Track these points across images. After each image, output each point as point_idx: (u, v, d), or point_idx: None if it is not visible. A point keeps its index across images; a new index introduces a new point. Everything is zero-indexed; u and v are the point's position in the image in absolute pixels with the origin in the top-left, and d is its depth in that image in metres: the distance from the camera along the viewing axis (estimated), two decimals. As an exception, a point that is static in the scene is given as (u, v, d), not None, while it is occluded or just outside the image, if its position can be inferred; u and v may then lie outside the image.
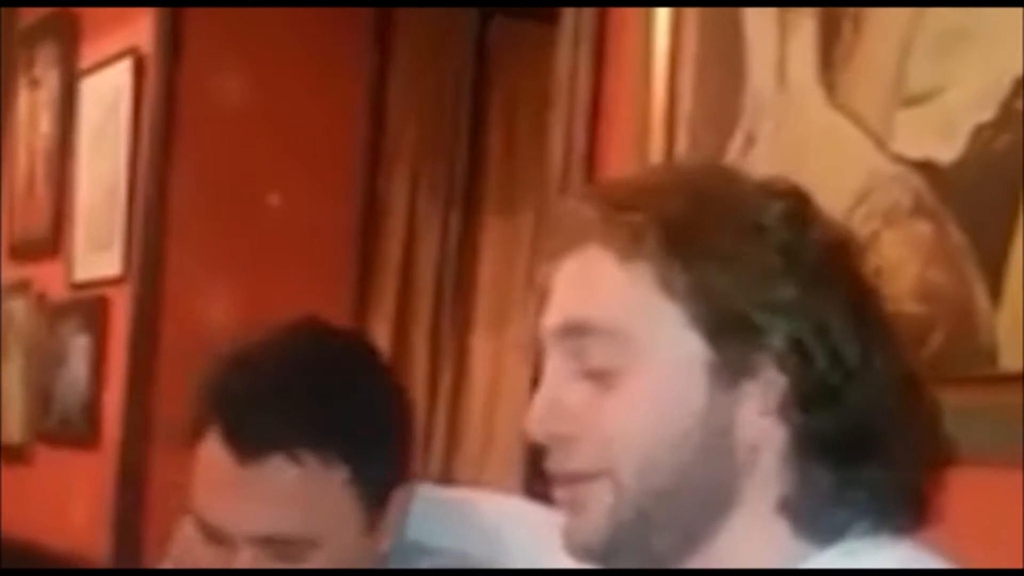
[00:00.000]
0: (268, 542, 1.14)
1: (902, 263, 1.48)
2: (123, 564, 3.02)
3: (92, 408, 3.36)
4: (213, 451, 1.16)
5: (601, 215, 0.92)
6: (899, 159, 1.51)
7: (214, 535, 1.17)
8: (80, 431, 3.40)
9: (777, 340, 0.87)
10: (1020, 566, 1.29)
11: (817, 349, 0.87)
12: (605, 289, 0.91)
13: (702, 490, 0.88)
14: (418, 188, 3.38)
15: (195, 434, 1.18)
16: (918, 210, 1.49)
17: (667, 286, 0.88)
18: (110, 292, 3.34)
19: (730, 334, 0.87)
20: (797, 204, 0.91)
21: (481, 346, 3.24)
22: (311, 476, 1.13)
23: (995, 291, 1.40)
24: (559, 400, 0.91)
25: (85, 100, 3.55)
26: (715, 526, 0.89)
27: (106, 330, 3.34)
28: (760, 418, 0.88)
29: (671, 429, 0.88)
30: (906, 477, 0.88)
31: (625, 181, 0.98)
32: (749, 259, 0.88)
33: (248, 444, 1.13)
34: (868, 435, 0.87)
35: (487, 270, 3.26)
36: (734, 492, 0.89)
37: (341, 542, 1.16)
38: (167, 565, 1.32)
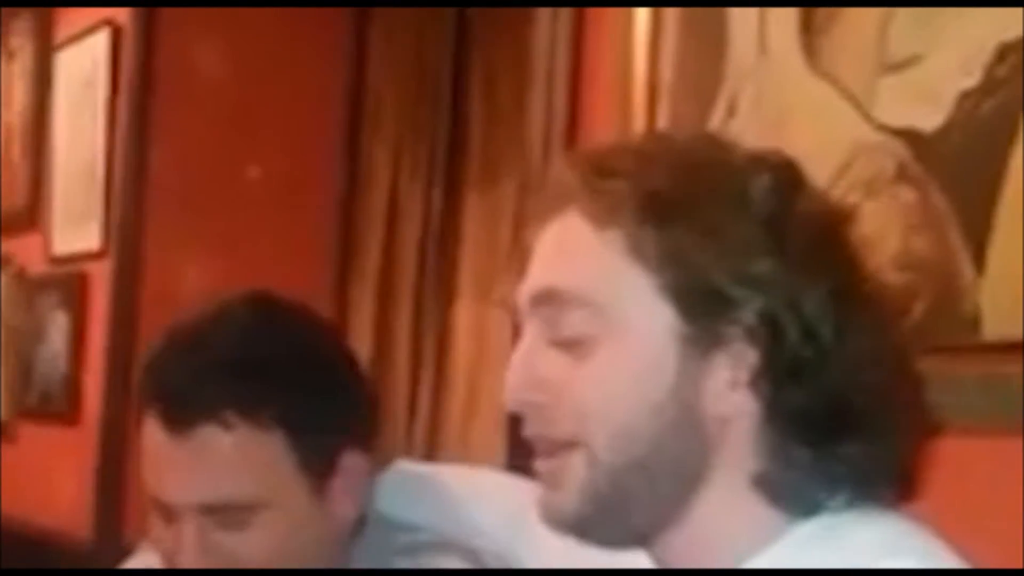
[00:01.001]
0: (210, 510, 1.15)
1: (885, 232, 1.47)
2: (106, 539, 3.01)
3: (73, 384, 3.34)
4: (150, 427, 1.18)
5: (582, 181, 0.91)
6: (882, 127, 1.51)
7: (165, 511, 1.18)
8: (61, 407, 3.38)
9: (749, 314, 0.86)
10: (1006, 535, 1.29)
11: (789, 324, 0.86)
12: (579, 257, 0.90)
13: (675, 462, 0.88)
14: (400, 161, 3.36)
15: (139, 415, 1.20)
16: (901, 178, 1.48)
17: (639, 254, 0.88)
18: (89, 267, 3.32)
19: (701, 305, 0.87)
20: (787, 177, 0.91)
21: (465, 317, 3.23)
22: (243, 441, 1.15)
23: (979, 259, 1.39)
24: (533, 369, 0.90)
25: (61, 73, 3.52)
26: (689, 500, 0.89)
27: (85, 305, 3.32)
28: (731, 391, 0.88)
29: (643, 400, 0.87)
30: (887, 451, 0.88)
31: (611, 147, 0.97)
32: (729, 231, 0.87)
33: (178, 415, 1.15)
34: (844, 411, 0.87)
35: (469, 242, 3.25)
36: (707, 465, 0.88)
37: (287, 507, 1.17)
38: (145, 550, 1.33)
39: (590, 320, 0.89)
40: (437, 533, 1.26)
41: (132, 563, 1.35)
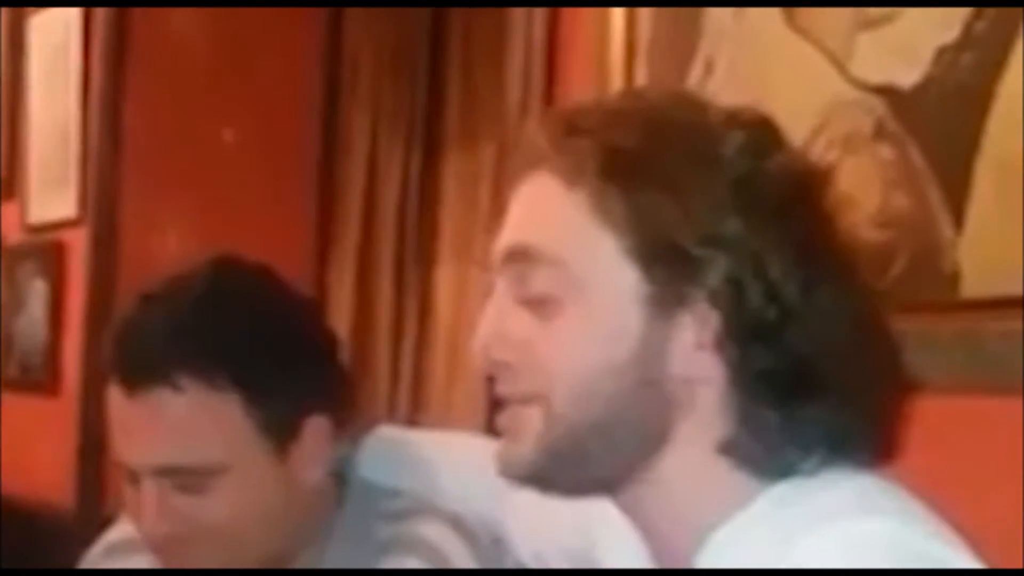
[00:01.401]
0: (168, 473, 1.16)
1: (864, 189, 1.47)
2: (88, 509, 3.01)
3: (52, 354, 3.33)
4: (113, 391, 1.18)
5: (550, 140, 0.91)
6: (860, 83, 1.49)
7: (130, 474, 1.19)
8: (40, 377, 3.37)
9: (714, 275, 0.86)
10: (983, 493, 1.29)
11: (752, 286, 0.85)
12: (548, 215, 0.90)
13: (636, 423, 0.88)
14: (378, 125, 3.34)
15: (108, 379, 1.20)
16: (879, 135, 1.47)
17: (604, 214, 0.87)
18: (66, 235, 3.29)
19: (666, 267, 0.86)
20: (761, 136, 0.90)
21: (445, 280, 3.22)
22: (197, 403, 1.15)
23: (957, 216, 1.39)
24: (502, 327, 0.90)
25: (34, 38, 3.48)
26: (652, 459, 0.89)
27: (63, 274, 3.30)
28: (696, 352, 0.87)
29: (605, 359, 0.87)
30: (859, 412, 0.87)
31: (582, 106, 0.96)
32: (696, 190, 0.86)
33: (133, 377, 1.16)
34: (811, 372, 0.86)
35: (449, 205, 3.23)
36: (670, 427, 0.88)
37: (247, 470, 1.17)
38: (125, 520, 1.33)
39: (557, 278, 0.88)
40: (419, 498, 1.26)
41: (113, 533, 1.35)
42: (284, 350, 1.19)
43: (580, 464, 0.89)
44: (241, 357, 1.16)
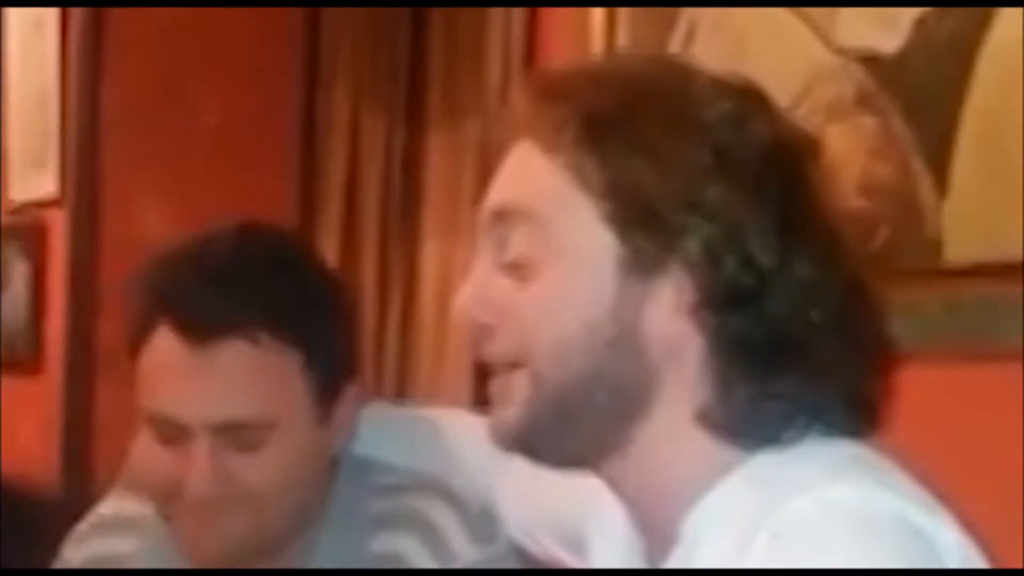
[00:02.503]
0: (227, 428, 1.13)
1: (847, 158, 1.46)
2: (73, 487, 3.00)
3: (35, 333, 3.32)
4: (165, 344, 1.14)
5: (530, 106, 0.90)
6: (841, 51, 1.49)
7: (170, 432, 1.15)
8: (24, 357, 3.36)
9: (690, 242, 0.85)
10: (967, 460, 1.30)
11: (727, 253, 0.85)
12: (529, 179, 0.90)
13: (617, 383, 0.88)
14: (360, 99, 3.32)
15: (142, 334, 1.16)
16: (862, 103, 1.47)
17: (581, 180, 0.87)
18: (47, 214, 3.28)
19: (642, 231, 0.86)
20: (746, 103, 0.88)
21: (431, 256, 3.21)
22: (268, 357, 1.14)
23: (940, 182, 1.38)
24: (484, 290, 0.91)
25: (11, 14, 3.45)
26: (632, 427, 0.89)
27: (45, 254, 3.28)
28: (674, 316, 0.87)
29: (582, 319, 0.87)
30: (840, 381, 0.87)
31: (562, 70, 0.96)
32: (674, 156, 0.86)
33: (203, 328, 1.12)
34: (788, 341, 0.86)
35: (434, 178, 3.22)
36: (650, 392, 0.88)
37: (296, 431, 1.16)
38: (119, 489, 1.31)
39: (536, 240, 0.88)
40: (412, 473, 1.26)
41: (105, 507, 1.34)
42: (334, 312, 1.19)
43: (564, 428, 0.89)
44: (301, 314, 1.15)
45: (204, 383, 1.13)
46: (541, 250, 0.88)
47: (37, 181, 3.29)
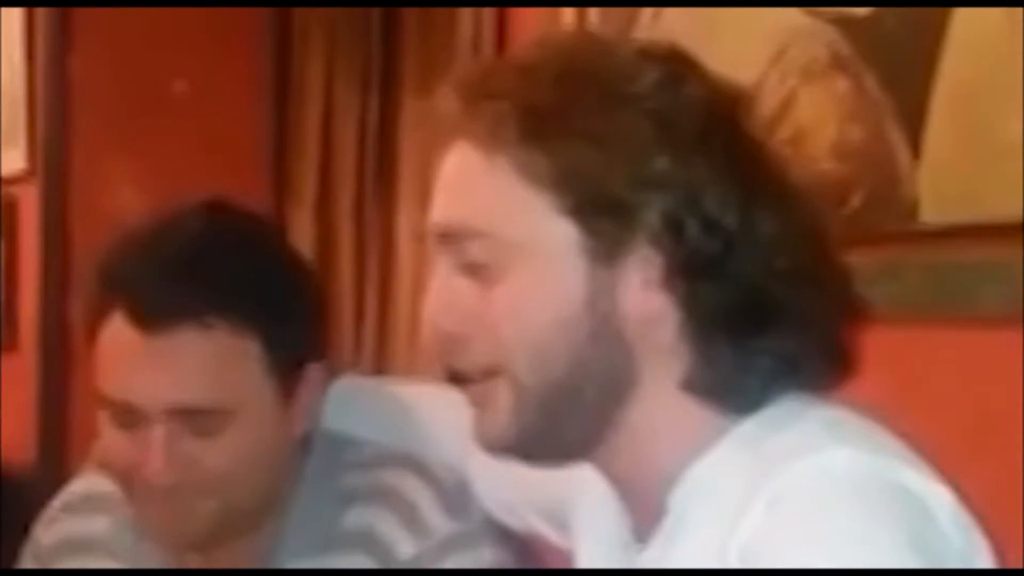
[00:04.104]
0: (183, 414, 1.12)
1: (821, 121, 1.45)
2: (49, 465, 2.99)
3: (8, 310, 3.29)
4: (119, 330, 1.14)
5: (464, 106, 0.89)
6: (813, 12, 1.47)
7: (127, 417, 1.14)
8: (-2, 334, 3.34)
9: (650, 215, 0.85)
10: (946, 423, 1.29)
11: (688, 220, 0.85)
12: (473, 188, 0.89)
13: (600, 375, 0.87)
14: (333, 70, 3.30)
15: (96, 319, 1.16)
16: (835, 65, 1.45)
17: (530, 175, 0.86)
18: (17, 189, 3.25)
19: (601, 216, 0.85)
20: (674, 68, 0.89)
21: (407, 227, 3.20)
22: (222, 344, 1.13)
23: (915, 145, 1.37)
24: (448, 299, 0.89)
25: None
26: (621, 409, 0.88)
27: (16, 232, 3.26)
28: (645, 291, 0.86)
29: (557, 319, 0.86)
30: (815, 338, 0.87)
31: (491, 66, 0.96)
32: (618, 134, 0.85)
33: (156, 315, 1.12)
34: (761, 300, 0.86)
35: (409, 149, 3.20)
36: (633, 373, 0.88)
37: (256, 415, 1.15)
38: (90, 468, 1.31)
39: (494, 250, 0.87)
40: (386, 448, 1.25)
41: (76, 486, 1.33)
42: (292, 295, 1.18)
43: (555, 428, 0.88)
44: (258, 298, 1.14)
45: (158, 369, 1.12)
46: (500, 254, 0.87)
47: (7, 156, 3.27)
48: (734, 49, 0.92)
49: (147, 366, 1.12)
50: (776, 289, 0.86)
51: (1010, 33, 1.27)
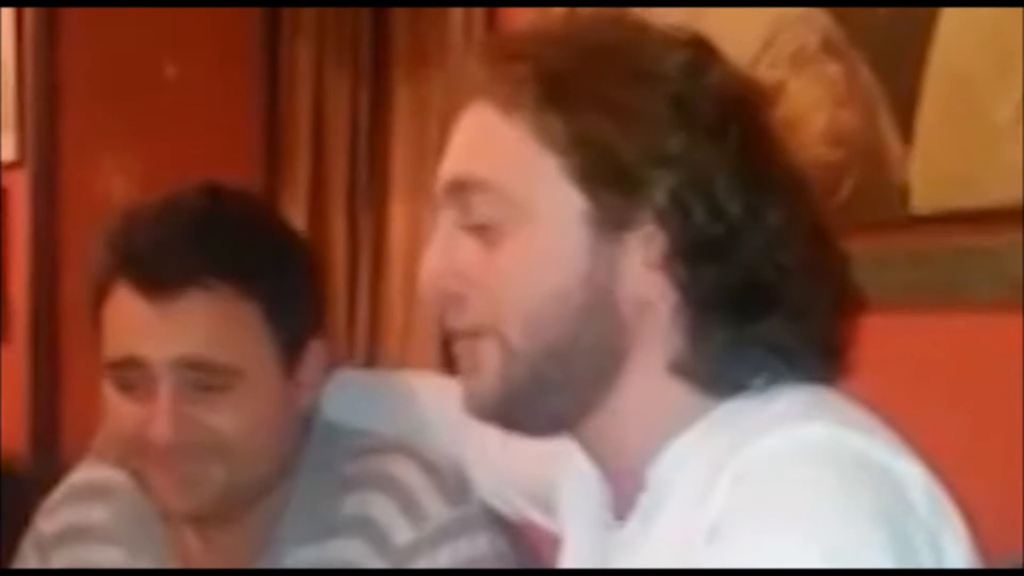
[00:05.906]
0: (190, 367, 1.14)
1: (812, 107, 1.46)
2: (44, 456, 2.98)
3: (0, 301, 3.28)
4: (125, 300, 1.15)
5: (487, 68, 0.90)
6: (805, -1, 1.48)
7: (133, 375, 1.15)
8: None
9: (658, 193, 0.85)
10: (934, 410, 1.30)
11: (696, 203, 0.85)
12: (487, 143, 0.89)
13: (592, 347, 0.87)
14: (323, 57, 3.29)
15: (101, 292, 1.17)
16: (826, 51, 1.46)
17: (545, 137, 0.86)
18: (9, 178, 3.23)
19: (609, 186, 0.86)
20: (698, 54, 0.89)
21: (399, 213, 3.20)
22: (227, 305, 1.15)
23: (906, 131, 1.38)
24: (449, 258, 0.90)
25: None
26: (609, 385, 0.88)
27: (7, 219, 3.25)
28: (645, 271, 0.86)
29: (553, 285, 0.87)
30: (808, 327, 0.87)
31: (518, 32, 0.95)
32: (636, 109, 0.86)
33: (161, 282, 1.14)
34: (759, 288, 0.86)
35: (400, 136, 3.20)
36: (624, 350, 0.88)
37: (259, 381, 1.16)
38: (94, 449, 1.31)
39: (499, 205, 0.87)
40: (384, 437, 1.26)
41: (78, 475, 1.33)
42: (292, 269, 1.20)
43: (542, 396, 0.89)
44: (260, 269, 1.17)
45: (164, 324, 1.14)
46: (506, 214, 0.87)
47: (-3, 146, 3.25)
48: (725, 35, 0.92)
49: (154, 322, 1.15)
50: (774, 280, 0.86)
51: (1001, 18, 1.27)
